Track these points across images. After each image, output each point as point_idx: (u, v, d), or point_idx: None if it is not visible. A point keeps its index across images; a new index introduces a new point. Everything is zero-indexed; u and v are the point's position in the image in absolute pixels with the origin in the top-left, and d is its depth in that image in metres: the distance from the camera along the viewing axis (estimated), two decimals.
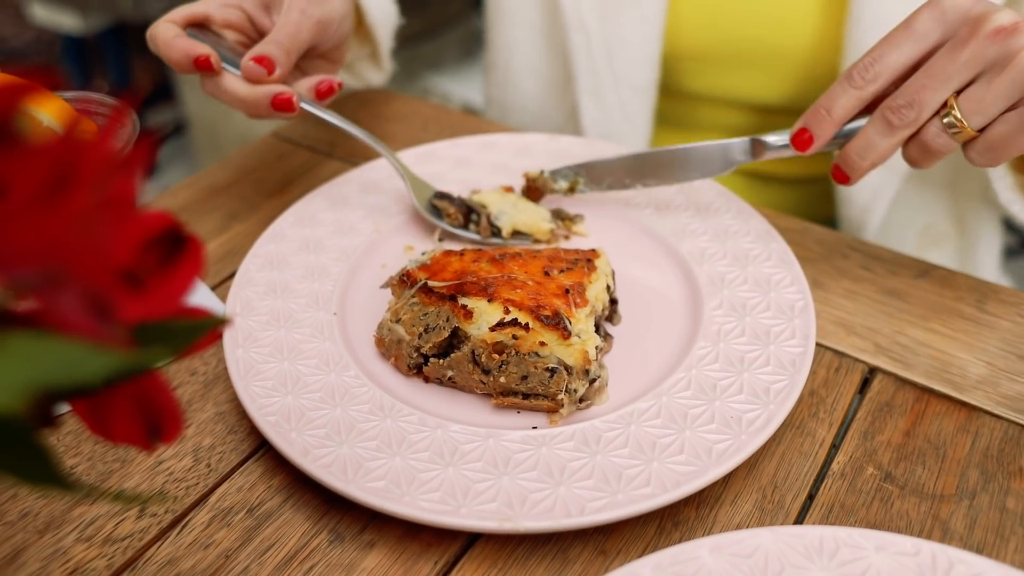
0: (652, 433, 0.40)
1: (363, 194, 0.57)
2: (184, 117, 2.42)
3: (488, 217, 0.53)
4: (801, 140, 0.47)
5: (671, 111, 0.74)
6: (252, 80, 0.50)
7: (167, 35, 0.51)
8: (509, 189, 0.56)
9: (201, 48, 0.50)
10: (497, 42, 0.78)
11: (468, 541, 0.39)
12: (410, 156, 0.61)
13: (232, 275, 0.52)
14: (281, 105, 0.50)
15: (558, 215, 0.55)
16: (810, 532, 0.35)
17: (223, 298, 0.51)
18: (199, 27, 0.53)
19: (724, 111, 0.73)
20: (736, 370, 0.44)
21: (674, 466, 0.39)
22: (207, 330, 0.25)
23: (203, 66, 0.50)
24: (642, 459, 0.39)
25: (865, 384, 0.47)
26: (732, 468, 0.39)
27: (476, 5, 2.07)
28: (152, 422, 0.26)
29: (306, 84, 0.53)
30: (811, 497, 0.41)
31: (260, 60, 0.50)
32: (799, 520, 0.40)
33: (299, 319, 0.47)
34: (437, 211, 0.55)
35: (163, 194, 0.62)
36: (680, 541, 0.38)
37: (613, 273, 0.49)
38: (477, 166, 0.60)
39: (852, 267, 0.54)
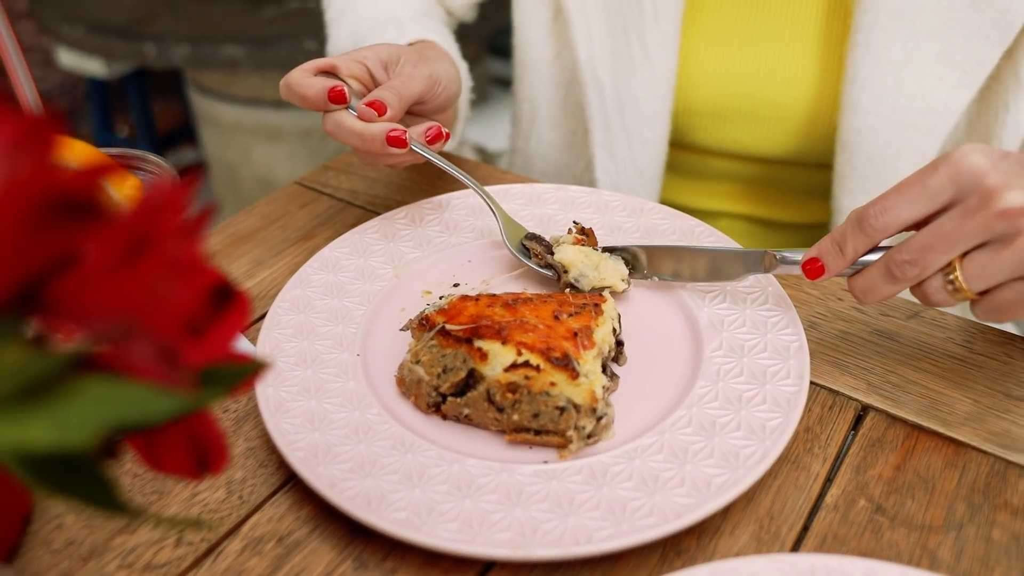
0: (655, 467, 0.43)
1: (383, 241, 0.61)
2: (204, 159, 2.48)
3: (568, 283, 0.56)
4: (812, 269, 0.49)
5: (681, 161, 0.78)
6: (365, 120, 0.55)
7: (301, 77, 0.56)
8: (582, 237, 0.57)
9: (334, 82, 0.56)
10: (522, 96, 0.83)
11: (483, 569, 0.41)
12: (427, 205, 0.65)
13: (261, 318, 0.56)
14: (394, 141, 0.55)
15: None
16: (802, 560, 0.38)
17: (253, 341, 0.54)
18: (327, 75, 0.58)
19: (731, 163, 0.76)
20: (734, 408, 0.46)
21: (676, 498, 0.41)
22: (251, 373, 0.28)
23: (337, 97, 0.55)
24: (645, 492, 0.42)
25: (858, 421, 0.49)
26: (730, 500, 0.41)
27: (491, 50, 2.12)
28: (201, 455, 0.29)
29: (418, 129, 0.58)
30: (806, 528, 0.43)
31: (372, 104, 0.55)
32: (794, 549, 0.42)
33: (324, 360, 0.51)
34: (526, 250, 0.58)
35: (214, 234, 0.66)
36: (681, 568, 0.41)
37: (619, 317, 0.52)
38: (491, 215, 0.63)
39: (846, 309, 0.57)
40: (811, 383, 0.51)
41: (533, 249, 0.58)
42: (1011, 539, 0.43)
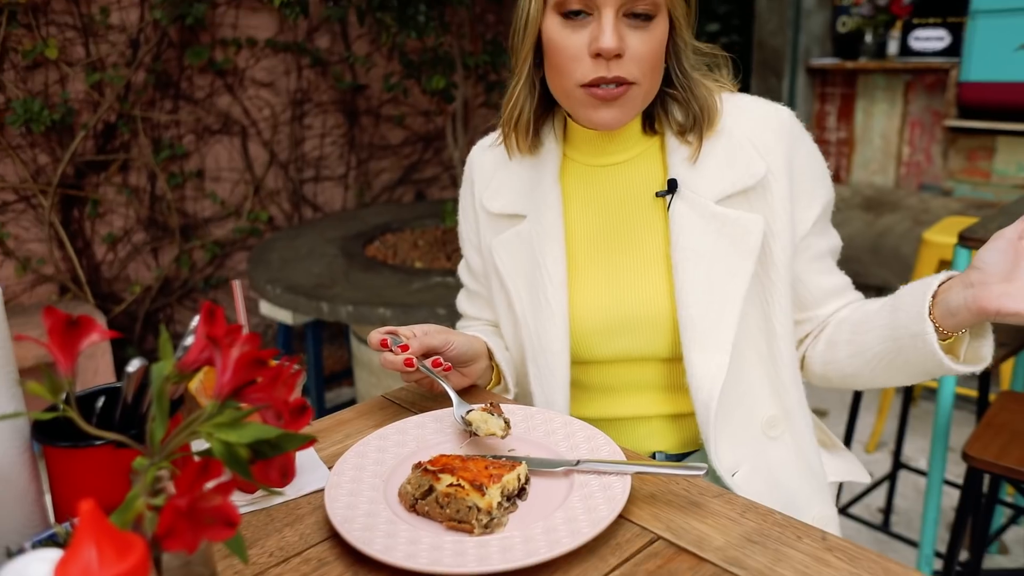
0: (512, 543, 0.82)
1: (415, 429, 1.05)
2: (357, 395, 3.03)
3: (471, 431, 0.99)
4: None
5: (581, 375, 1.21)
6: (395, 355, 1.05)
7: (372, 332, 1.08)
8: (487, 408, 1.00)
9: (383, 335, 1.07)
10: (509, 348, 1.30)
11: None
12: (447, 411, 1.08)
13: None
14: (407, 363, 1.05)
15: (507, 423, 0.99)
16: None
17: (330, 467, 0.98)
18: (392, 333, 1.09)
19: (615, 367, 1.19)
20: (569, 524, 0.84)
21: (517, 556, 0.79)
22: (310, 440, 0.72)
23: (383, 344, 1.07)
24: (502, 552, 0.80)
25: (651, 543, 0.85)
26: (543, 561, 0.79)
27: None
28: (283, 474, 0.73)
29: (428, 359, 1.07)
30: None
31: (401, 345, 1.06)
32: None
33: (364, 482, 0.93)
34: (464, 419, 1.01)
35: (327, 419, 1.12)
36: None
37: (528, 475, 0.92)
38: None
39: (681, 491, 0.94)
40: (631, 521, 0.88)
41: (464, 417, 1.01)
42: None
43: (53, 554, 0.62)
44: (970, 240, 1.94)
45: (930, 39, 3.66)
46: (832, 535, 0.86)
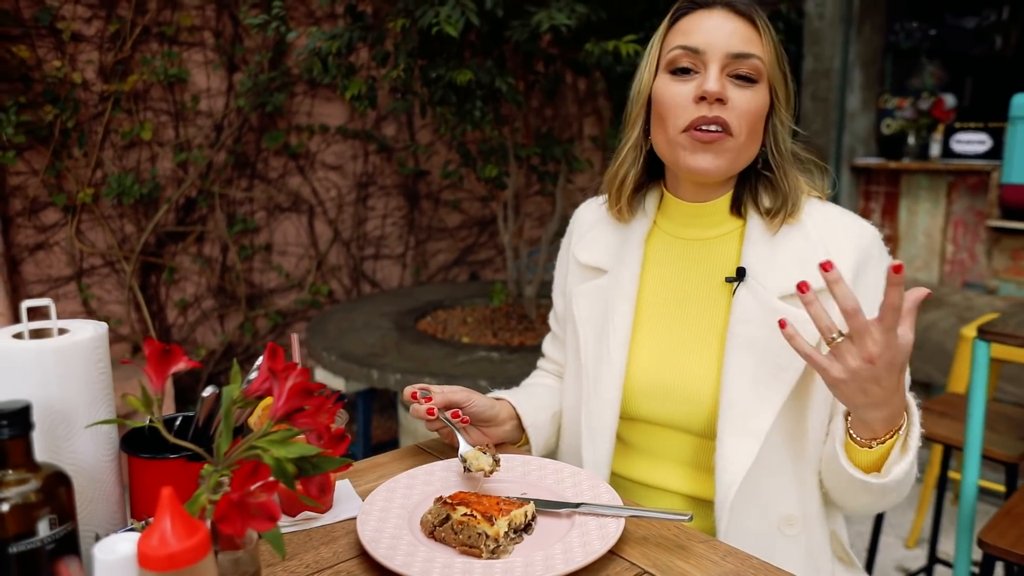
0: (514, 565, 0.94)
1: (442, 471, 1.19)
2: None
3: (466, 468, 1.12)
4: None
5: (629, 432, 1.31)
6: (420, 406, 1.19)
7: (408, 387, 1.23)
8: (482, 448, 1.14)
9: (414, 389, 1.21)
10: (562, 412, 1.42)
11: None
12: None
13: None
14: (428, 412, 1.19)
15: (496, 460, 1.12)
16: None
17: (363, 497, 1.12)
18: (424, 389, 1.23)
19: (657, 432, 1.28)
20: (566, 550, 0.97)
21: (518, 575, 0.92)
22: (344, 463, 0.86)
23: (412, 396, 1.21)
24: (505, 572, 0.93)
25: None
26: None
27: None
28: (321, 491, 0.87)
29: (448, 411, 1.21)
30: None
31: (426, 397, 1.20)
32: None
33: (391, 511, 1.07)
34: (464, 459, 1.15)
35: (365, 461, 1.27)
36: None
37: (534, 512, 1.05)
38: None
39: (671, 535, 1.05)
40: (622, 557, 0.99)
41: (461, 454, 1.14)
42: None
43: (134, 536, 0.77)
44: (988, 334, 2.02)
45: (971, 142, 3.77)
46: None
